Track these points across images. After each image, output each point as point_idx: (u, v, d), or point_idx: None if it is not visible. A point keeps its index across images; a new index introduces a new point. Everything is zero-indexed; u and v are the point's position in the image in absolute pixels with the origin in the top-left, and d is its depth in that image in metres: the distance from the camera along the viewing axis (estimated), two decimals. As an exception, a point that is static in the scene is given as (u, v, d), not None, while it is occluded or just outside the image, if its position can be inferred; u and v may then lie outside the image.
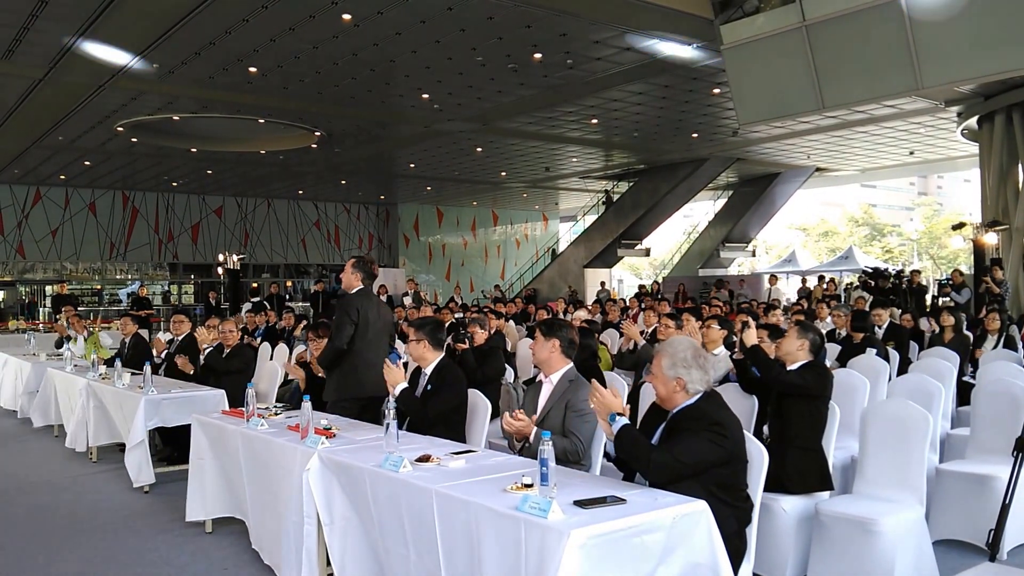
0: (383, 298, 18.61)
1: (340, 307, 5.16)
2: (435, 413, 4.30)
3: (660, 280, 24.93)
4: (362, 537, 3.48)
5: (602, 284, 22.90)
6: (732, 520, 3.04)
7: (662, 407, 3.31)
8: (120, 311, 21.55)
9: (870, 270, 17.76)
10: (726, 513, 2.96)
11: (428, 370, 4.52)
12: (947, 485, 4.33)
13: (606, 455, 3.43)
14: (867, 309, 9.19)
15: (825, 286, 16.85)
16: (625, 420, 3.11)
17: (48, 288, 24.00)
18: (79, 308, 18.29)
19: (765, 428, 4.17)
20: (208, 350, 6.90)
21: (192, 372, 6.91)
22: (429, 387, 4.46)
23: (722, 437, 3.05)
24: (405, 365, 4.79)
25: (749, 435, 3.35)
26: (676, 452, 2.99)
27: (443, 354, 4.61)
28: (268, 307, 14.55)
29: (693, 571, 2.74)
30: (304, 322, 9.99)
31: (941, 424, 5.24)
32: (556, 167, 23.30)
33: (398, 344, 6.57)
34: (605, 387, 5.06)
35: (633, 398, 5.46)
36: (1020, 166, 14.56)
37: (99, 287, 25.45)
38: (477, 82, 14.04)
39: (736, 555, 3.03)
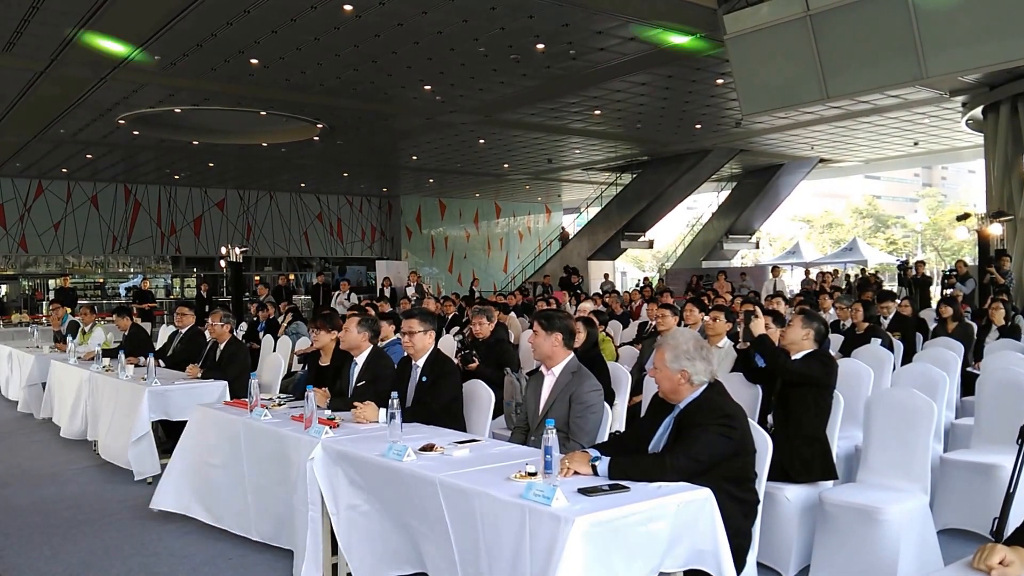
0: (387, 291, 18.62)
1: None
2: (439, 405, 4.24)
3: (663, 271, 24.86)
4: (369, 524, 3.48)
5: (605, 276, 22.87)
6: (738, 514, 3.02)
7: (666, 400, 3.28)
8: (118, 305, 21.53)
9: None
10: (732, 507, 2.94)
11: (420, 362, 4.46)
12: (951, 474, 4.32)
13: None
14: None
15: (821, 278, 16.83)
16: (604, 459, 2.98)
17: (51, 282, 24.00)
18: (81, 302, 18.37)
19: (769, 417, 4.16)
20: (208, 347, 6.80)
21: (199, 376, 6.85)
22: (424, 379, 4.40)
23: (732, 429, 3.04)
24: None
25: (753, 424, 3.34)
26: (693, 452, 2.94)
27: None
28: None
29: (695, 557, 2.75)
30: (290, 315, 9.97)
31: (945, 413, 5.22)
32: (559, 159, 23.23)
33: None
34: (609, 378, 5.07)
35: (638, 389, 5.46)
36: (1025, 156, 14.51)
37: (101, 280, 25.45)
38: (479, 73, 13.99)
39: (740, 551, 3.00)
